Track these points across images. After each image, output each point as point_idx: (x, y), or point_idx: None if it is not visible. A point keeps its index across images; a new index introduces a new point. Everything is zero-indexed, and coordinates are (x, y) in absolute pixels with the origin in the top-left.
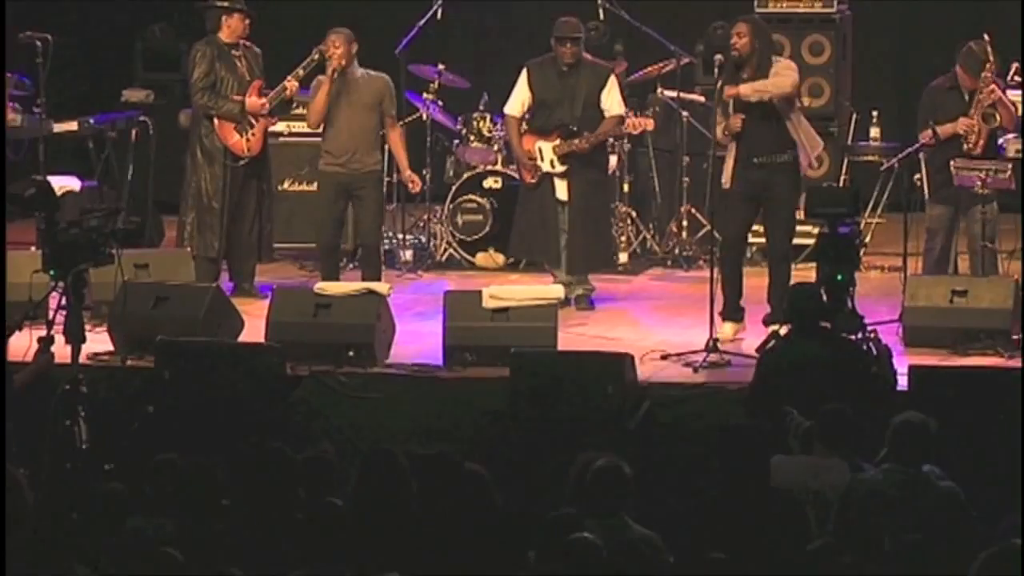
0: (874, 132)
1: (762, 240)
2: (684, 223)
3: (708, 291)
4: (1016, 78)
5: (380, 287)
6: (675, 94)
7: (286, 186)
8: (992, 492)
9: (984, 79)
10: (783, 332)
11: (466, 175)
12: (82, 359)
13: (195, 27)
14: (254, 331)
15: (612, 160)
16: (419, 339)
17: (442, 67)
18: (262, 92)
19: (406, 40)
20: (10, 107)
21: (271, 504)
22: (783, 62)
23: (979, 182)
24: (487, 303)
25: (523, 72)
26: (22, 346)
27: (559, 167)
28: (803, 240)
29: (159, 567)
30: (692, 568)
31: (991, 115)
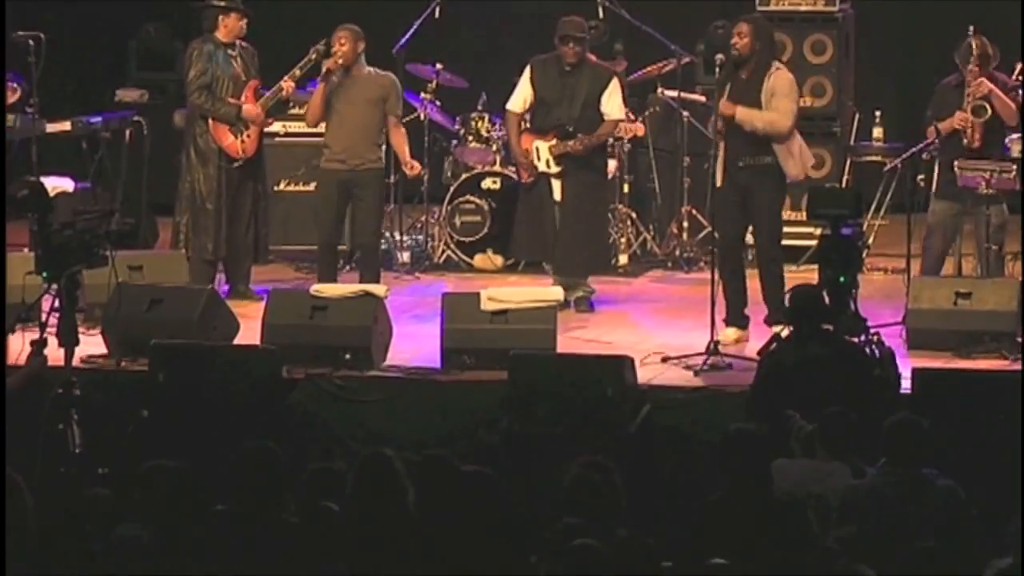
0: (877, 132)
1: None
2: (685, 224)
3: (709, 293)
4: (1019, 77)
5: (377, 289)
6: (676, 94)
7: (282, 187)
8: (997, 496)
9: (971, 72)
10: (785, 334)
11: (464, 176)
12: (75, 362)
13: (190, 26)
14: (250, 334)
15: (612, 164)
16: (417, 342)
17: (440, 66)
18: (258, 92)
19: (404, 39)
20: None
21: (261, 509)
22: (784, 83)
23: (983, 182)
24: (486, 305)
25: (526, 69)
26: (15, 349)
27: (554, 167)
28: (805, 242)
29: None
30: (693, 573)
31: (981, 108)
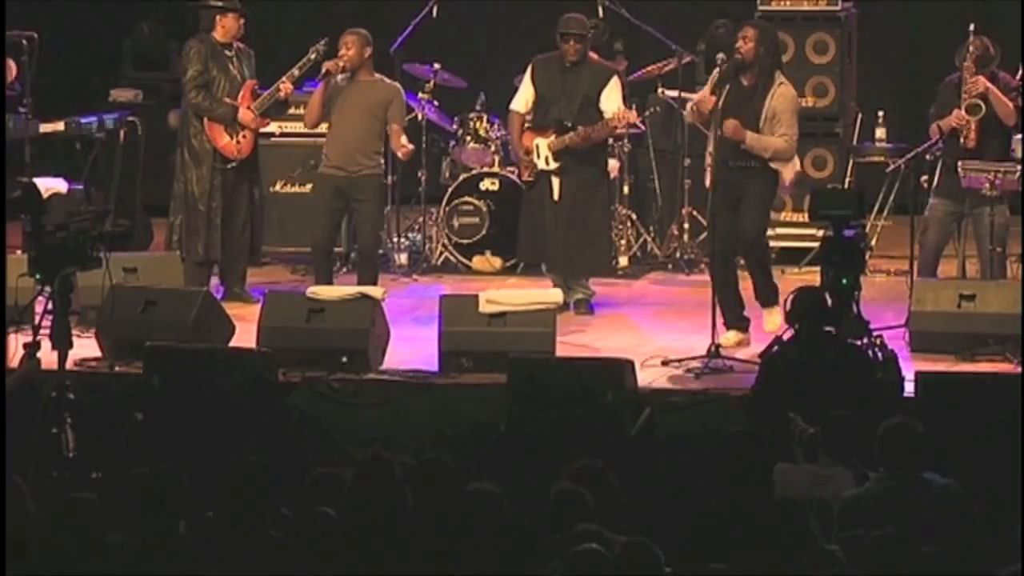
0: (880, 133)
1: (781, 243)
2: (685, 226)
3: (710, 295)
4: (1021, 79)
5: (374, 291)
6: (676, 94)
7: (278, 188)
8: (1002, 501)
9: (967, 68)
10: (786, 337)
11: (462, 177)
12: (69, 365)
13: (185, 26)
14: (245, 336)
15: (613, 163)
16: (414, 345)
17: (438, 66)
18: (255, 93)
19: (401, 38)
20: None
21: (247, 515)
22: (789, 102)
23: (987, 183)
24: (484, 308)
25: (528, 68)
26: (8, 352)
27: (553, 164)
28: (807, 243)
29: None
30: None
31: (976, 106)
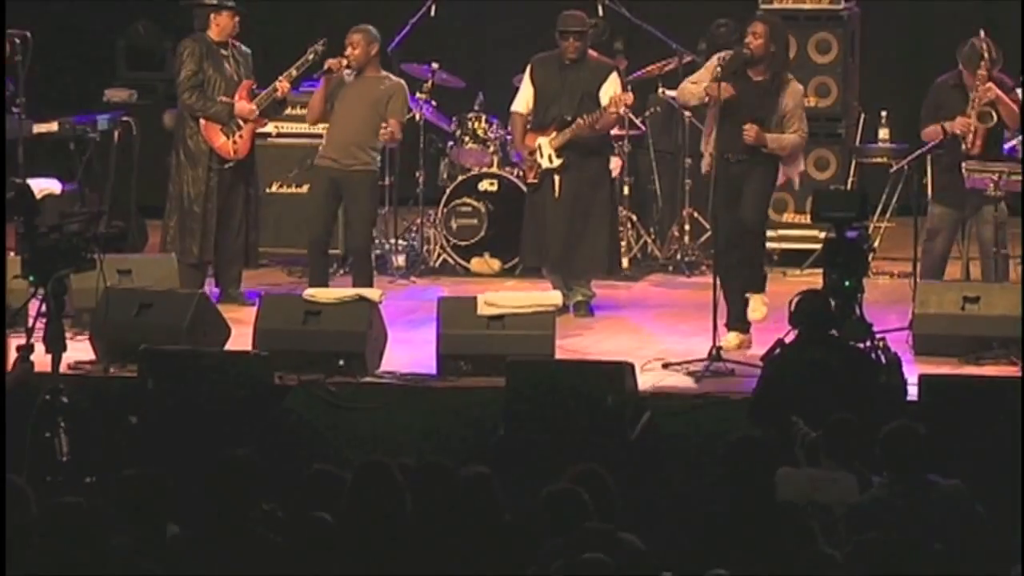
0: (883, 133)
1: (780, 244)
2: (686, 227)
3: (711, 297)
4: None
5: (371, 294)
6: (677, 93)
7: (274, 189)
8: (1007, 504)
9: (980, 77)
10: (789, 339)
11: (460, 178)
12: (63, 368)
13: (180, 24)
14: (241, 339)
15: (615, 161)
16: (412, 347)
17: (436, 66)
18: (252, 93)
19: (398, 38)
20: None
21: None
22: (800, 98)
23: (992, 184)
24: (482, 310)
25: (527, 68)
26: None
27: (556, 161)
28: (809, 245)
29: None
30: None
31: (987, 114)
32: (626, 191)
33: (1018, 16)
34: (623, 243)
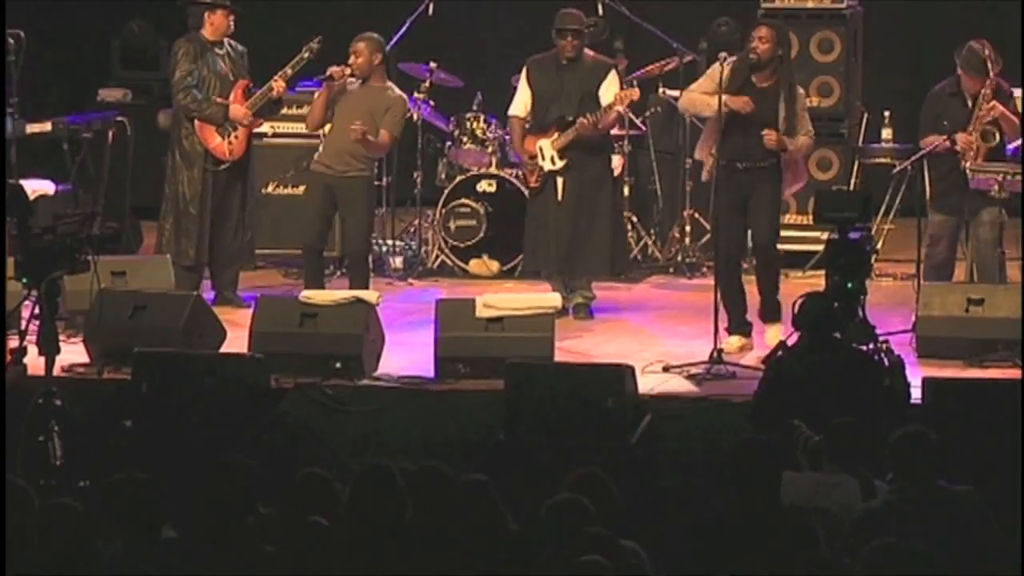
0: (886, 133)
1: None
2: (687, 228)
3: (712, 300)
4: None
5: (369, 296)
6: (677, 93)
7: (270, 190)
8: (1012, 508)
9: (984, 96)
10: (791, 342)
11: (459, 178)
12: (56, 371)
13: (175, 23)
14: (237, 342)
15: (616, 159)
16: (409, 350)
17: (433, 65)
18: (248, 92)
19: (396, 37)
20: None
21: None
22: (804, 100)
23: (996, 185)
24: (481, 312)
25: (523, 71)
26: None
27: (559, 163)
28: (812, 246)
29: None
30: None
31: (990, 133)
32: (626, 192)
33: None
34: None
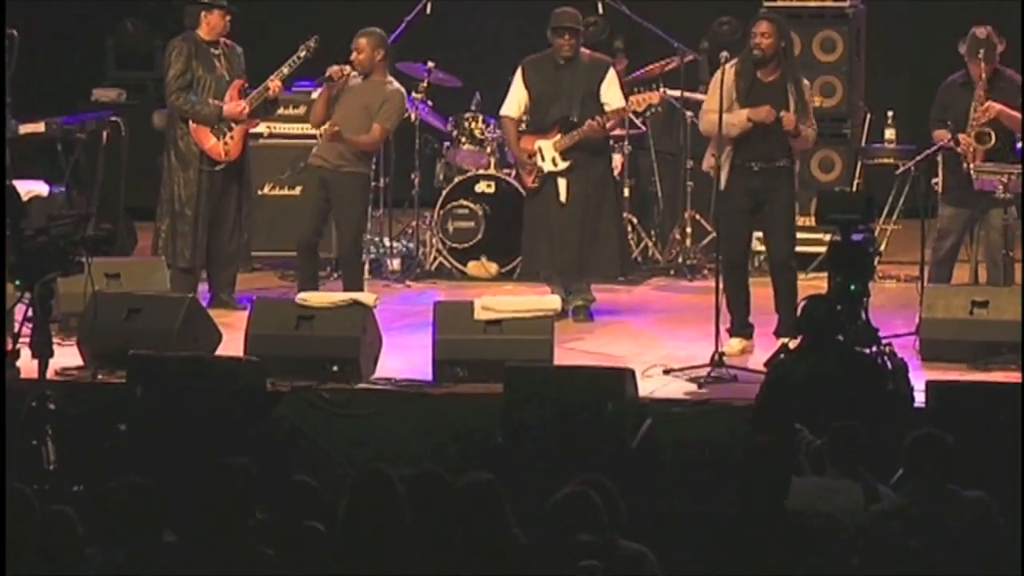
0: (889, 134)
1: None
2: (688, 230)
3: (713, 302)
4: None
5: (366, 298)
6: (678, 93)
7: (266, 191)
8: (1016, 513)
9: (978, 97)
10: (793, 345)
11: (457, 179)
12: (50, 374)
13: (170, 22)
14: (233, 344)
15: (617, 158)
16: (407, 353)
17: (431, 65)
18: (244, 92)
19: (394, 36)
20: None
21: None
22: (809, 100)
23: (1001, 186)
24: (479, 315)
25: (518, 71)
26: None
27: (561, 164)
28: (814, 248)
29: None
30: None
31: (985, 135)
32: (626, 193)
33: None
34: None
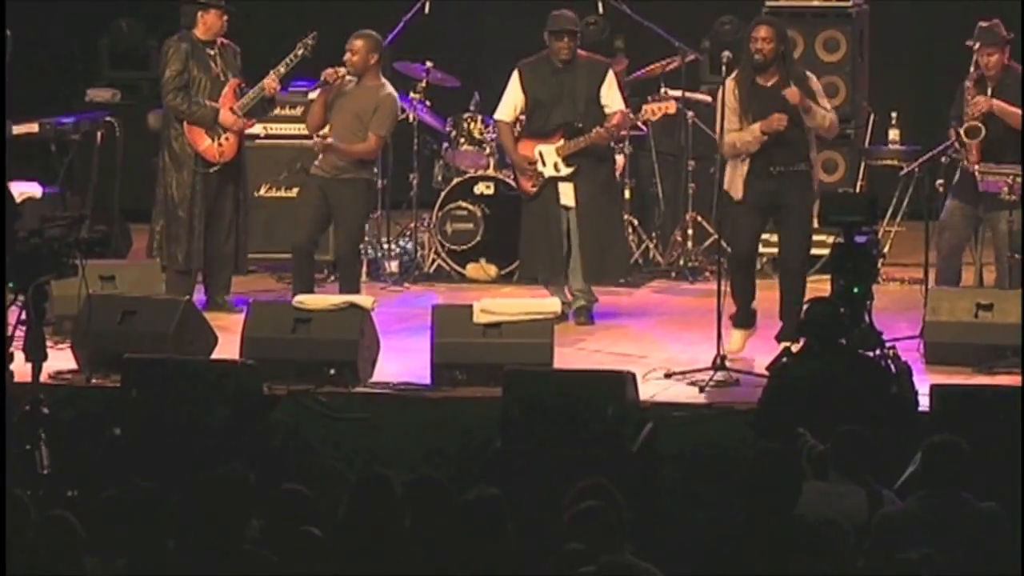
0: (893, 134)
1: (774, 251)
2: (689, 232)
3: (715, 304)
4: None
5: (363, 301)
6: (680, 93)
7: (263, 192)
8: (1019, 518)
9: (968, 90)
10: (796, 349)
11: (456, 180)
12: (43, 378)
13: (165, 22)
14: (229, 348)
15: (619, 159)
16: (405, 356)
17: (430, 65)
18: (240, 91)
19: (391, 36)
20: None
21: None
22: (814, 79)
23: (1006, 187)
24: (478, 318)
25: (514, 74)
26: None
27: (564, 169)
28: (817, 250)
29: None
30: None
31: (975, 129)
32: (627, 194)
33: None
34: None
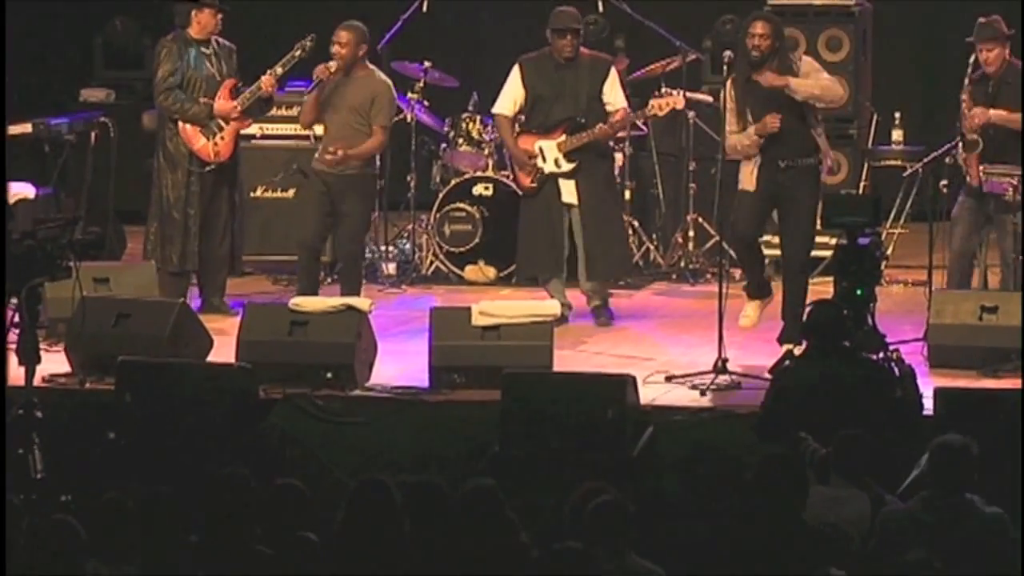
0: (896, 135)
1: (776, 252)
2: (690, 233)
3: (716, 307)
4: None
5: (361, 303)
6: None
7: (259, 193)
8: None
9: (964, 103)
10: (798, 351)
11: (454, 181)
12: (37, 381)
13: (160, 21)
14: (224, 350)
15: (619, 157)
16: (403, 359)
17: (428, 64)
18: (236, 91)
19: (389, 35)
20: None
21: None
22: (809, 60)
23: (1010, 189)
24: (477, 320)
25: (515, 69)
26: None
27: (565, 166)
28: (820, 252)
29: None
30: None
31: (973, 143)
32: (627, 195)
33: None
34: None
